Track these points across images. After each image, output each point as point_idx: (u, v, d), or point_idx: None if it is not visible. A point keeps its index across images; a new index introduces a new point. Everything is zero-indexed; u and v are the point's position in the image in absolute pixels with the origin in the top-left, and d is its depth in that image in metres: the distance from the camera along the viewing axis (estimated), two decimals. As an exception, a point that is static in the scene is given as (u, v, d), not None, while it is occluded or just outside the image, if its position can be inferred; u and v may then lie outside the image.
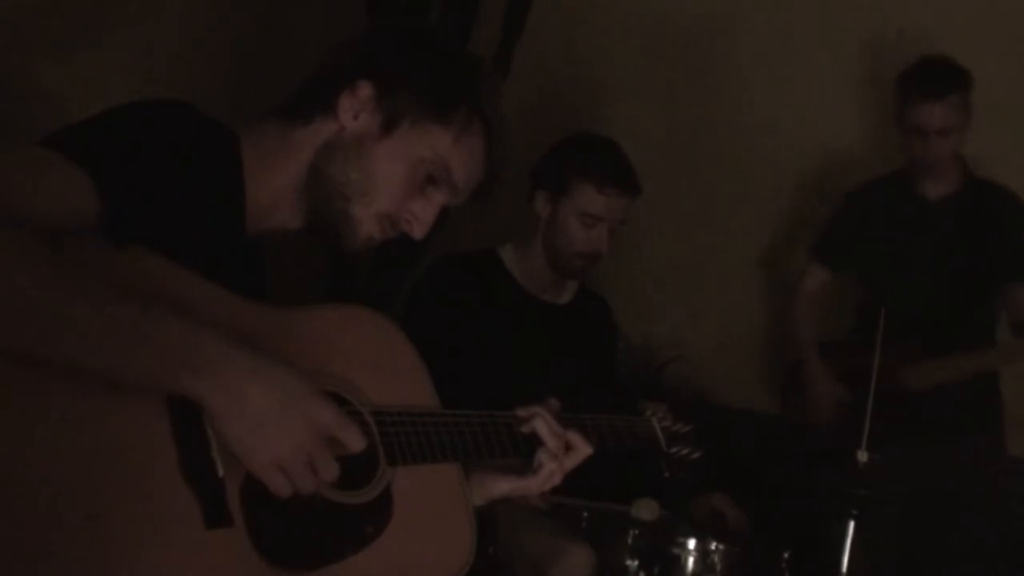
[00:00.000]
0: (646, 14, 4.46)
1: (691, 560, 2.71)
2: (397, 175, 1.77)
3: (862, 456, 2.85)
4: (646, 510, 2.71)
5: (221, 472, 1.50)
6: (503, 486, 1.94)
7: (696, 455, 2.34)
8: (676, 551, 2.71)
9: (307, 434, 1.51)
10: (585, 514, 2.86)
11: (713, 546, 2.72)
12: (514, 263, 3.24)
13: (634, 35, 4.48)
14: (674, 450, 2.31)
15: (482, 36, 4.02)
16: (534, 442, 1.93)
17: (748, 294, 4.44)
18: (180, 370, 1.45)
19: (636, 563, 2.71)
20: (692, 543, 2.72)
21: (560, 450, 1.94)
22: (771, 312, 4.38)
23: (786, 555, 2.81)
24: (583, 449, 1.98)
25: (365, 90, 1.76)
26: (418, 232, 1.81)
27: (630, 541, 2.71)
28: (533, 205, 3.21)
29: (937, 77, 3.48)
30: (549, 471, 1.94)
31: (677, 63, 4.45)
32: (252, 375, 1.48)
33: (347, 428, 1.56)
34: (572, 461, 1.98)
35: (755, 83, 4.39)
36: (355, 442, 1.57)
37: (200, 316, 1.50)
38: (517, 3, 4.03)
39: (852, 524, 2.78)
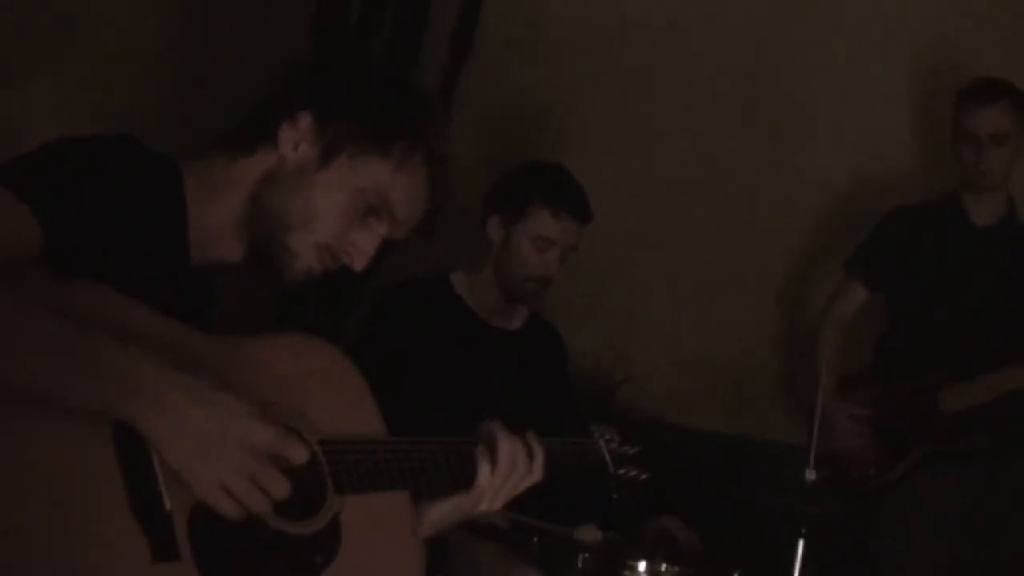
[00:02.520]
0: (594, 40, 4.48)
1: (642, 582, 2.71)
2: (336, 206, 1.77)
3: (810, 475, 2.87)
4: (588, 533, 2.71)
5: (168, 505, 1.49)
6: (444, 509, 1.92)
7: (644, 476, 2.35)
8: (626, 573, 2.70)
9: (248, 454, 1.50)
10: (535, 539, 2.86)
11: (663, 568, 2.71)
12: (465, 289, 3.25)
13: (583, 60, 4.50)
14: (622, 471, 2.32)
15: (430, 59, 4.03)
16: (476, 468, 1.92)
17: (698, 316, 4.45)
18: (118, 395, 1.44)
19: (587, 587, 2.71)
20: (642, 565, 2.71)
21: (511, 475, 1.93)
22: (721, 333, 4.39)
23: (736, 575, 2.82)
24: (536, 472, 1.97)
25: (305, 121, 1.76)
26: (358, 264, 1.81)
27: (580, 565, 2.71)
28: (486, 230, 3.23)
29: (991, 84, 3.55)
30: (481, 491, 1.91)
31: (626, 89, 4.47)
32: (190, 397, 1.48)
33: (287, 443, 1.55)
34: (523, 484, 1.97)
35: (703, 110, 4.41)
36: (297, 455, 1.56)
37: (143, 344, 1.49)
38: (464, 26, 4.05)
39: (802, 543, 2.80)
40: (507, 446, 1.92)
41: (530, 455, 1.97)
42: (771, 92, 4.31)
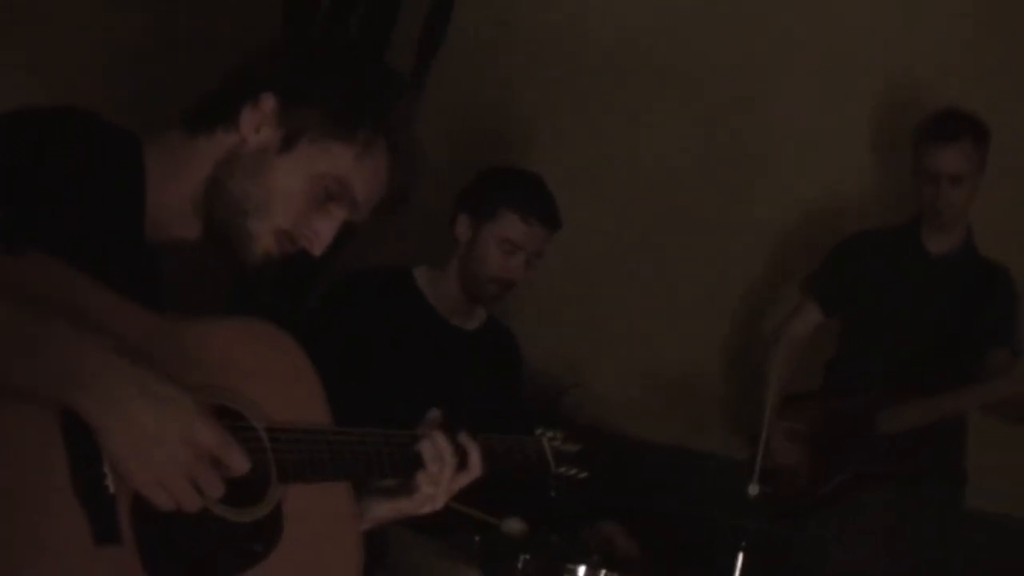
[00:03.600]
0: (567, 41, 4.48)
1: (580, 587, 2.72)
2: (296, 191, 1.75)
3: (752, 489, 2.89)
4: (514, 525, 2.72)
5: (112, 488, 1.48)
6: (380, 508, 1.92)
7: (583, 475, 2.35)
8: (565, 577, 2.72)
9: (188, 453, 1.48)
10: (477, 538, 2.86)
11: (603, 573, 2.73)
12: (427, 284, 3.26)
13: (553, 67, 4.50)
14: (562, 469, 2.32)
15: (401, 48, 4.02)
16: (421, 463, 1.91)
17: (651, 328, 4.46)
18: (66, 383, 1.42)
19: (525, 588, 2.72)
20: (582, 570, 2.73)
21: (441, 475, 1.92)
22: (673, 346, 4.41)
23: (674, 584, 2.84)
24: (474, 470, 1.97)
25: (268, 103, 1.74)
26: (317, 248, 1.79)
27: (520, 566, 2.72)
28: (453, 228, 3.24)
29: (952, 122, 3.55)
30: (426, 495, 1.92)
31: (595, 98, 4.47)
32: (136, 390, 1.46)
33: (230, 449, 1.53)
34: (459, 483, 1.97)
35: (670, 126, 4.42)
36: (238, 464, 1.54)
37: (96, 324, 1.48)
38: (436, 16, 4.04)
39: (741, 556, 2.82)
40: (429, 446, 1.92)
41: (462, 452, 1.97)
42: (737, 113, 4.33)
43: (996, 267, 3.67)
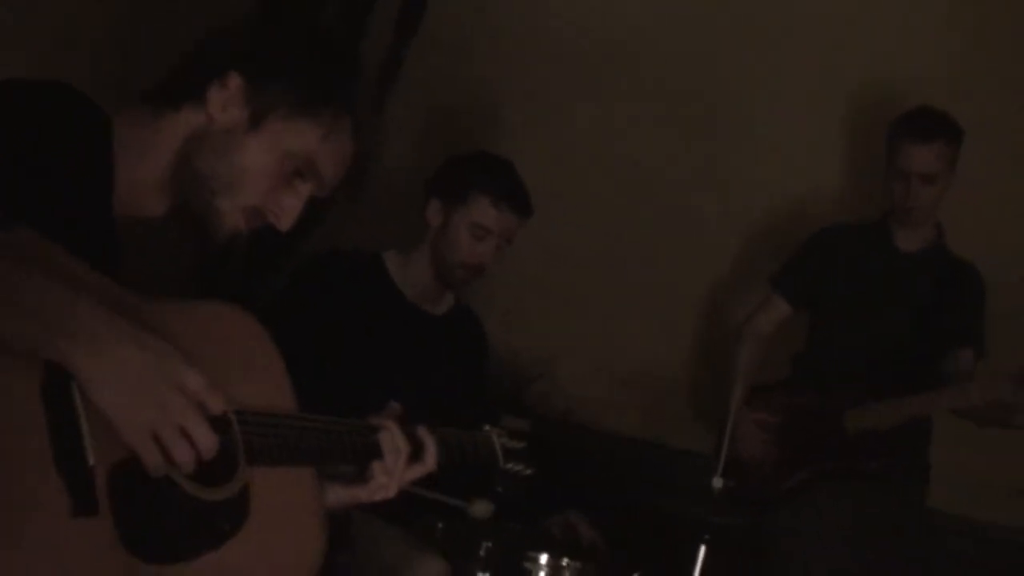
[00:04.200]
0: (542, 32, 4.48)
1: (542, 575, 2.73)
2: (264, 169, 1.77)
3: (717, 483, 2.91)
4: (481, 508, 2.73)
5: (92, 460, 1.47)
6: (338, 494, 1.93)
7: (528, 472, 2.37)
8: (528, 565, 2.73)
9: (179, 398, 1.50)
10: (440, 525, 2.87)
11: (565, 562, 2.74)
12: (396, 269, 3.26)
13: (530, 53, 4.50)
14: (509, 466, 2.34)
15: (377, 36, 4.01)
16: (379, 452, 1.93)
17: (619, 320, 4.47)
18: (53, 331, 1.42)
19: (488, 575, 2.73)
20: (544, 558, 2.74)
21: (395, 466, 1.94)
22: (640, 339, 4.42)
23: (636, 575, 2.85)
24: (428, 463, 1.99)
25: (235, 82, 1.76)
26: (284, 224, 1.82)
27: (482, 553, 2.73)
28: (424, 213, 3.24)
29: (925, 121, 3.56)
30: (380, 484, 1.93)
31: (570, 92, 4.48)
32: (123, 336, 1.47)
33: (212, 392, 1.55)
34: (414, 473, 1.98)
35: (642, 121, 4.43)
36: (217, 406, 1.55)
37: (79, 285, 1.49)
38: (412, 4, 4.04)
39: (703, 549, 2.83)
40: (388, 437, 1.93)
41: (418, 445, 1.99)
42: (709, 110, 4.33)
43: (965, 266, 3.69)
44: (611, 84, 4.44)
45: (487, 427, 2.34)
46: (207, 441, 1.53)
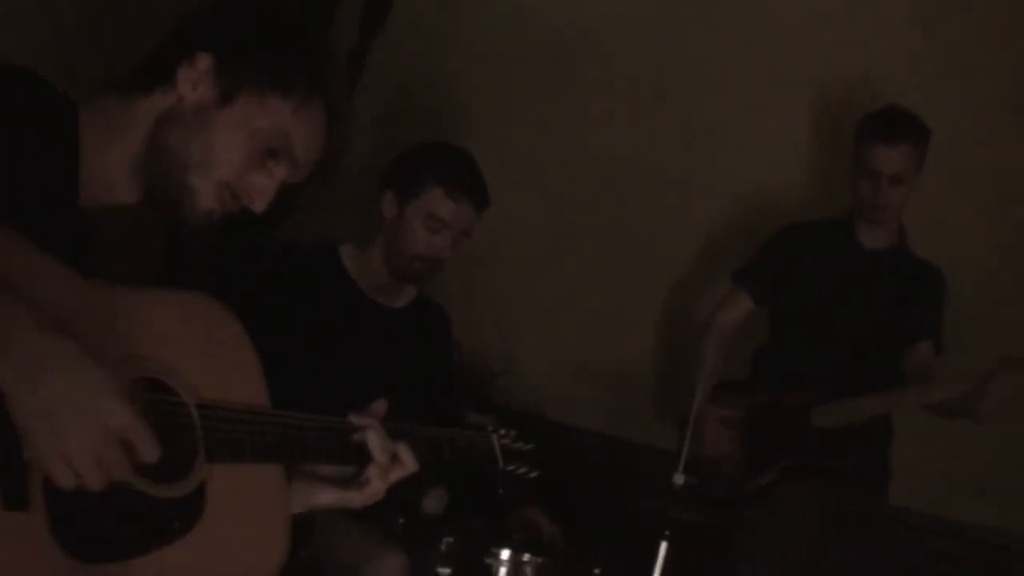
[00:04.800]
0: (508, 27, 4.47)
1: (503, 570, 2.71)
2: (236, 145, 1.76)
3: (678, 479, 2.92)
4: (435, 500, 2.72)
5: (27, 454, 1.45)
6: (326, 497, 1.90)
7: (533, 474, 2.35)
8: (488, 560, 2.72)
9: (98, 433, 1.45)
10: (401, 520, 2.87)
11: (526, 558, 2.73)
12: (352, 262, 3.23)
13: (495, 47, 4.49)
14: (511, 468, 2.31)
15: (344, 26, 3.99)
16: (363, 453, 1.90)
17: (584, 316, 4.47)
18: None
19: (448, 571, 2.72)
20: (505, 554, 2.73)
21: (388, 466, 1.92)
22: (606, 335, 4.43)
23: (598, 571, 2.85)
24: (410, 464, 1.95)
25: (204, 62, 1.75)
26: (259, 205, 1.80)
27: (443, 548, 2.72)
28: (379, 206, 3.21)
29: (895, 122, 3.57)
30: (375, 489, 1.91)
31: (534, 87, 4.47)
32: (53, 362, 1.43)
33: (141, 435, 1.49)
34: (396, 475, 1.95)
35: (608, 116, 4.43)
36: (148, 452, 1.50)
37: (31, 289, 1.46)
38: (376, 3, 4.02)
39: (664, 545, 2.84)
40: (375, 438, 1.90)
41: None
42: (676, 106, 4.34)
43: (928, 266, 3.71)
44: (577, 80, 4.44)
45: (491, 427, 2.30)
46: (120, 472, 1.48)
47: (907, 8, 4.11)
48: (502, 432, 2.32)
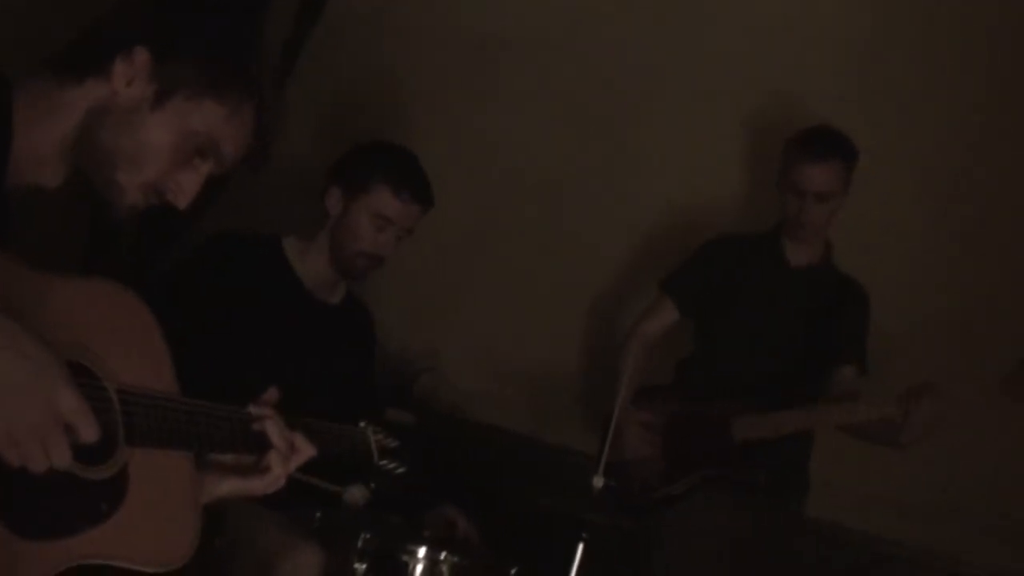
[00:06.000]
0: (443, 27, 4.46)
1: (419, 568, 2.71)
2: (166, 146, 1.75)
3: (597, 482, 2.93)
4: (356, 493, 2.72)
5: None
6: (227, 485, 1.93)
7: (401, 470, 2.40)
8: (405, 558, 2.72)
9: (46, 415, 1.47)
10: (318, 514, 2.85)
11: (442, 556, 2.73)
12: (295, 255, 3.23)
13: (430, 46, 4.48)
14: (383, 463, 2.37)
15: (278, 20, 3.97)
16: (263, 441, 1.93)
17: (510, 318, 4.47)
18: None
19: (364, 566, 2.70)
20: (422, 551, 2.73)
21: (288, 453, 1.95)
22: (531, 337, 4.43)
23: (514, 571, 2.86)
24: (307, 451, 1.99)
25: (142, 56, 1.73)
26: (182, 202, 1.80)
27: (360, 544, 2.71)
28: (324, 201, 3.21)
29: (823, 141, 3.60)
30: (276, 476, 1.94)
31: (472, 86, 4.47)
32: (5, 343, 1.44)
33: (85, 418, 1.51)
34: (296, 462, 1.98)
35: (544, 118, 4.44)
36: (89, 433, 1.52)
37: None
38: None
39: (581, 547, 2.85)
40: (273, 426, 1.93)
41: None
42: (608, 111, 4.36)
43: (852, 283, 3.76)
44: (511, 81, 4.44)
45: (363, 423, 2.36)
46: (61, 458, 1.50)
47: (842, 26, 4.16)
48: (375, 429, 2.37)
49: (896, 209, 4.09)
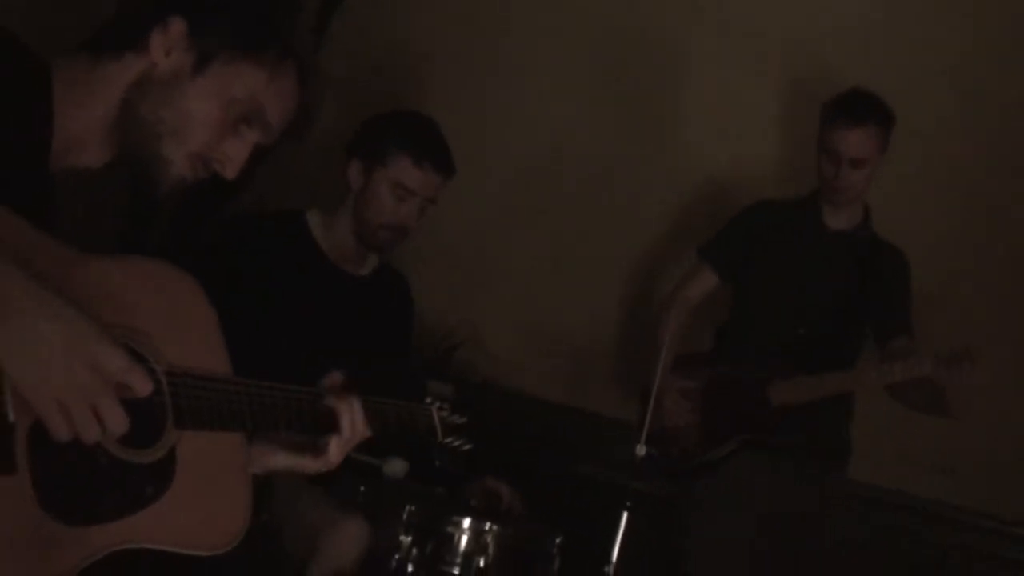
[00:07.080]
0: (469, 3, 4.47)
1: (464, 539, 2.72)
2: (210, 115, 1.75)
3: (640, 450, 2.93)
4: (396, 466, 2.73)
5: (12, 416, 1.45)
6: (283, 460, 1.93)
7: (468, 447, 2.38)
8: (450, 529, 2.72)
9: (93, 377, 1.47)
10: (362, 488, 2.86)
11: (487, 526, 2.74)
12: (319, 229, 3.21)
13: (456, 15, 4.47)
14: (448, 440, 2.35)
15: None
16: (325, 423, 1.93)
17: (548, 288, 4.47)
18: None
19: (409, 539, 2.71)
20: (467, 522, 2.73)
21: (353, 440, 1.95)
22: (569, 307, 4.43)
23: (558, 540, 2.86)
24: (364, 434, 1.99)
25: (177, 26, 1.73)
26: (230, 172, 1.79)
27: (405, 517, 2.72)
28: (346, 174, 3.19)
29: (861, 105, 3.56)
30: (332, 458, 1.94)
31: (500, 55, 4.45)
32: (43, 310, 1.44)
33: (134, 373, 1.52)
34: (353, 444, 1.98)
35: (576, 86, 4.42)
36: (142, 386, 1.53)
37: (10, 252, 1.46)
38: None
39: (625, 515, 2.86)
40: (346, 410, 1.94)
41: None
42: (645, 78, 4.34)
43: (891, 249, 3.73)
44: (544, 50, 4.43)
45: (428, 400, 2.33)
46: (116, 423, 1.51)
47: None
48: (440, 405, 2.34)
49: (935, 172, 4.06)
